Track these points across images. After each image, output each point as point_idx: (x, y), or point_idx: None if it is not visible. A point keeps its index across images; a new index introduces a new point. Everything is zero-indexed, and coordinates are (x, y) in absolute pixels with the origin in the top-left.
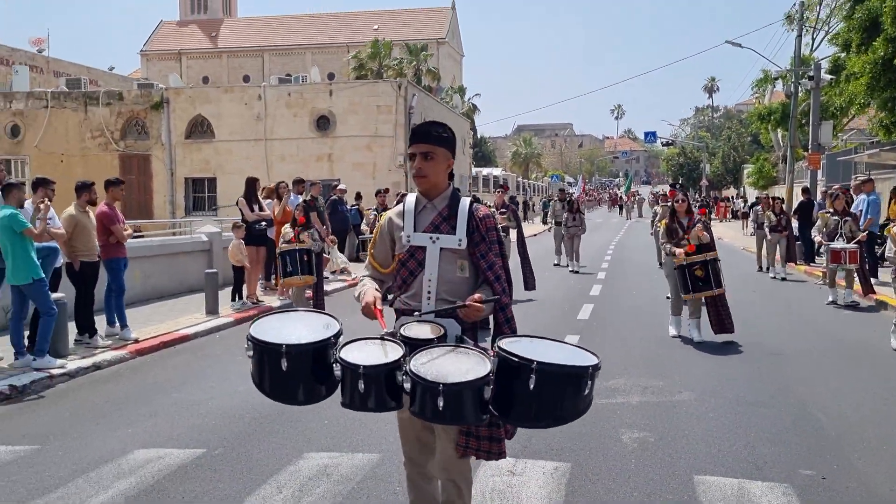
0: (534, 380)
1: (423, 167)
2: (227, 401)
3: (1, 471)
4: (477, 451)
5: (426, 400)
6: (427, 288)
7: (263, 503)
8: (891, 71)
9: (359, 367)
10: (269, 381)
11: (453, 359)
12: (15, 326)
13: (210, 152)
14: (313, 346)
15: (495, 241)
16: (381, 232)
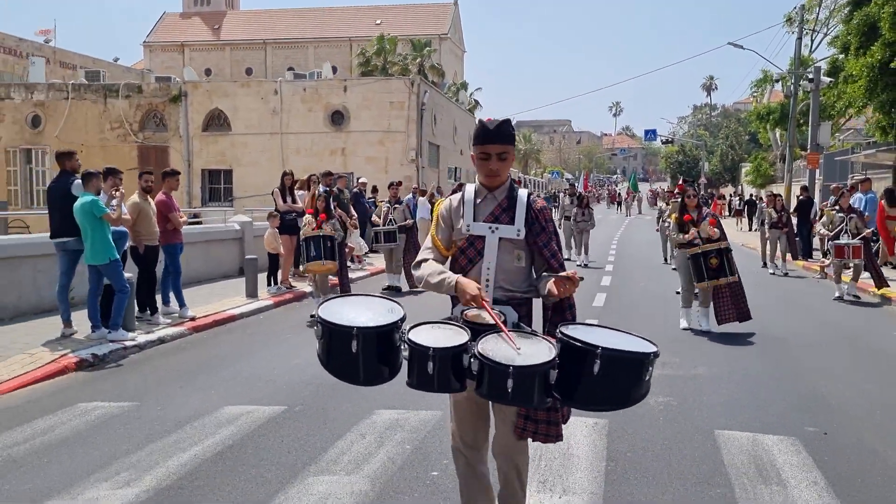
0: (598, 364)
1: (499, 167)
2: (290, 370)
3: (113, 421)
4: (535, 434)
5: (495, 382)
6: (486, 276)
7: (351, 446)
8: (888, 74)
9: (429, 349)
10: (338, 362)
11: (520, 343)
12: (92, 302)
13: (226, 145)
14: (382, 329)
15: (554, 231)
16: (442, 217)
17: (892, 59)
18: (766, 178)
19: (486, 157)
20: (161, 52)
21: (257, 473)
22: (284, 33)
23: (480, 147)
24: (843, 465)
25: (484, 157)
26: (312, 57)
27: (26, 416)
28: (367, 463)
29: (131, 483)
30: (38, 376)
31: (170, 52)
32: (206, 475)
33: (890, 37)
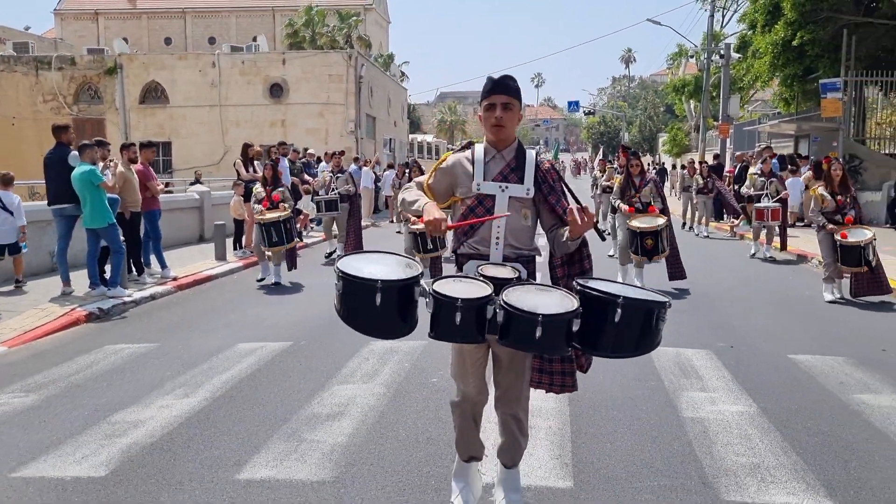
0: (619, 314)
1: (504, 117)
2: (286, 315)
3: (145, 357)
4: (550, 386)
5: (523, 330)
6: (496, 234)
7: (359, 366)
8: (790, 51)
9: (456, 300)
10: (360, 315)
11: (541, 295)
12: (91, 263)
13: (164, 117)
14: (405, 283)
15: (562, 190)
16: (444, 169)
17: (794, 37)
18: (682, 148)
19: (492, 108)
20: (73, 21)
21: (290, 385)
22: (204, 2)
23: (487, 98)
24: (743, 367)
25: (489, 108)
26: (234, 27)
27: (64, 357)
28: (378, 375)
29: (189, 395)
30: (56, 327)
31: (83, 21)
32: (248, 387)
33: (791, 17)
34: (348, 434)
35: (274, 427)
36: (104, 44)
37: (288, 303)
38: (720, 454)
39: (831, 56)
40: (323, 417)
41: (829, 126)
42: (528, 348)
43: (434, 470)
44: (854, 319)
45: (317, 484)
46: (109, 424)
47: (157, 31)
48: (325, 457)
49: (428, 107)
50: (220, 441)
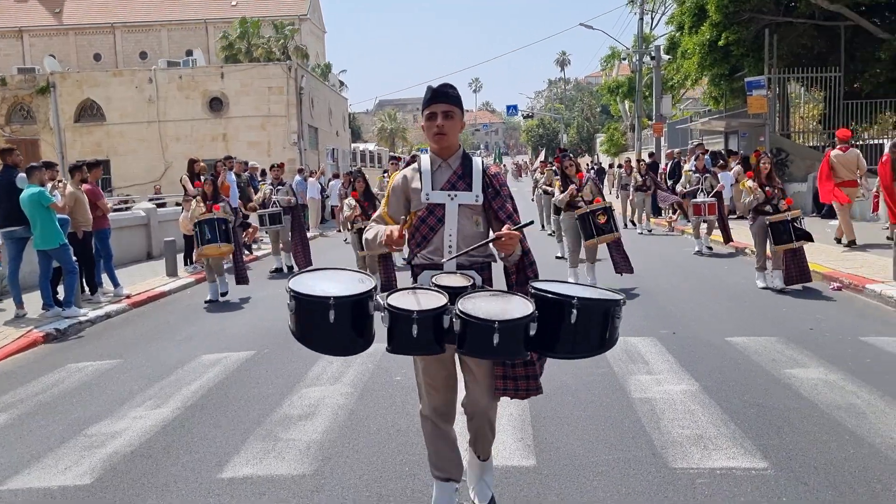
0: (575, 315)
1: (445, 125)
2: (244, 325)
3: (110, 372)
4: (515, 392)
5: (480, 338)
6: (448, 242)
7: (325, 369)
8: (716, 51)
9: (412, 312)
10: (314, 334)
11: (495, 301)
12: (44, 284)
13: (101, 135)
14: (357, 298)
15: (508, 195)
16: (394, 190)
17: (719, 37)
18: (620, 147)
19: (433, 117)
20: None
21: (259, 391)
22: (134, 16)
23: (427, 108)
24: (685, 351)
25: (430, 117)
26: (167, 41)
27: (28, 377)
28: (343, 377)
29: (160, 406)
30: (14, 349)
31: (7, 39)
32: (218, 395)
33: (716, 18)
34: (322, 431)
35: (249, 429)
36: (30, 61)
37: (245, 314)
38: (667, 428)
39: (755, 55)
40: (295, 418)
41: (756, 122)
42: (487, 355)
43: (407, 458)
44: (783, 304)
45: (297, 477)
46: (86, 437)
47: (85, 48)
48: (302, 453)
49: (367, 115)
50: (198, 445)
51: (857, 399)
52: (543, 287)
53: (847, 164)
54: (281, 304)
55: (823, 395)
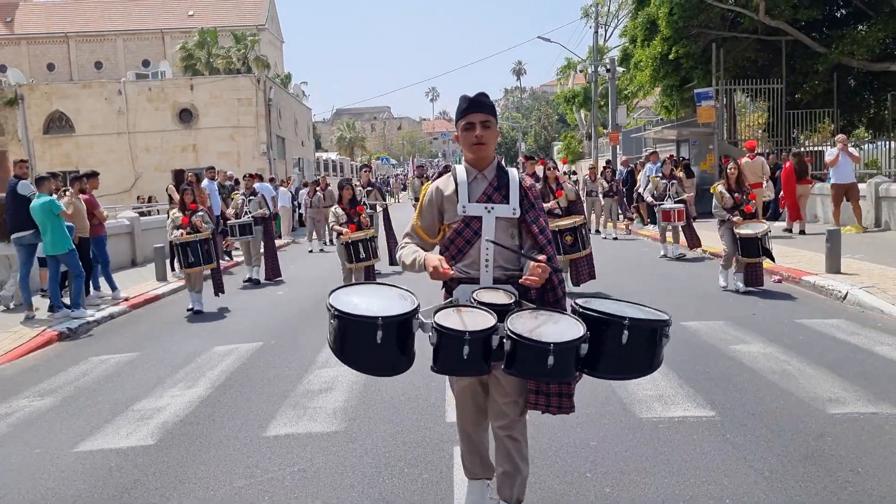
0: (626, 335)
1: (484, 135)
2: (246, 321)
3: (132, 363)
4: (547, 407)
5: (533, 360)
6: (485, 256)
7: (330, 356)
8: (667, 64)
9: (464, 333)
10: (360, 354)
11: (544, 320)
12: (53, 288)
13: (71, 146)
14: (404, 317)
15: (541, 208)
16: (427, 203)
17: (670, 51)
18: (576, 155)
19: (471, 127)
20: None
21: (277, 373)
22: (89, 26)
23: (465, 118)
24: None
25: (468, 128)
26: (122, 51)
27: (55, 369)
28: None
29: (192, 387)
30: (33, 346)
31: None
32: (241, 377)
33: (666, 33)
34: (343, 400)
35: (279, 401)
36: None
37: (250, 308)
38: (633, 390)
39: (703, 67)
40: (316, 392)
41: (705, 131)
42: (539, 377)
43: (421, 415)
44: (732, 295)
45: (331, 433)
46: (134, 412)
47: (38, 57)
48: (330, 416)
49: (325, 124)
50: (237, 413)
51: (788, 366)
52: (590, 305)
53: (754, 169)
54: (270, 305)
55: (761, 364)
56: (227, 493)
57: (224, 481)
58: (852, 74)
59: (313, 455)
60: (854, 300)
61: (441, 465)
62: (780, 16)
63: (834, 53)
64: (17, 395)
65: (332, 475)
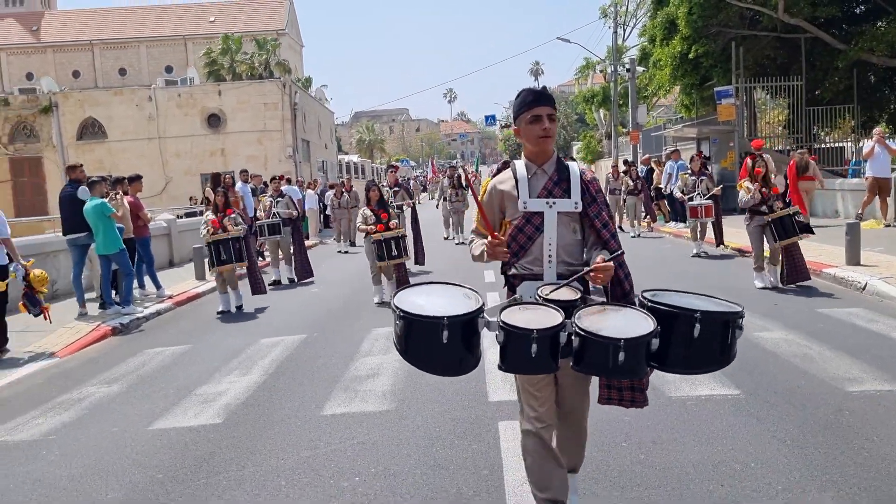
0: (698, 329)
1: (550, 128)
2: (289, 316)
3: (185, 355)
4: (620, 401)
5: (602, 356)
6: (548, 252)
7: (373, 345)
8: (687, 63)
9: (531, 332)
10: (427, 354)
11: (612, 316)
12: (105, 285)
13: (103, 152)
14: (469, 317)
15: (603, 202)
16: (487, 199)
17: (690, 50)
18: (596, 154)
19: (538, 119)
20: None
21: (325, 361)
22: (112, 33)
23: (530, 111)
24: None
25: (535, 120)
26: (145, 57)
27: (115, 360)
28: (389, 351)
29: (246, 374)
30: (90, 340)
31: None
32: (291, 365)
33: (686, 32)
34: (390, 384)
35: (330, 385)
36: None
37: (279, 311)
38: (660, 373)
39: (723, 66)
40: (364, 377)
41: (725, 128)
42: (609, 374)
43: (466, 396)
44: (758, 291)
45: (384, 412)
46: (197, 395)
47: (64, 65)
48: (380, 398)
49: (344, 127)
50: (293, 396)
51: (809, 350)
52: (659, 299)
53: None
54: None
55: (783, 349)
56: (295, 462)
57: (291, 452)
58: (872, 71)
59: (369, 430)
60: (873, 290)
61: (488, 437)
62: (799, 13)
63: (853, 50)
64: (85, 383)
65: (389, 446)
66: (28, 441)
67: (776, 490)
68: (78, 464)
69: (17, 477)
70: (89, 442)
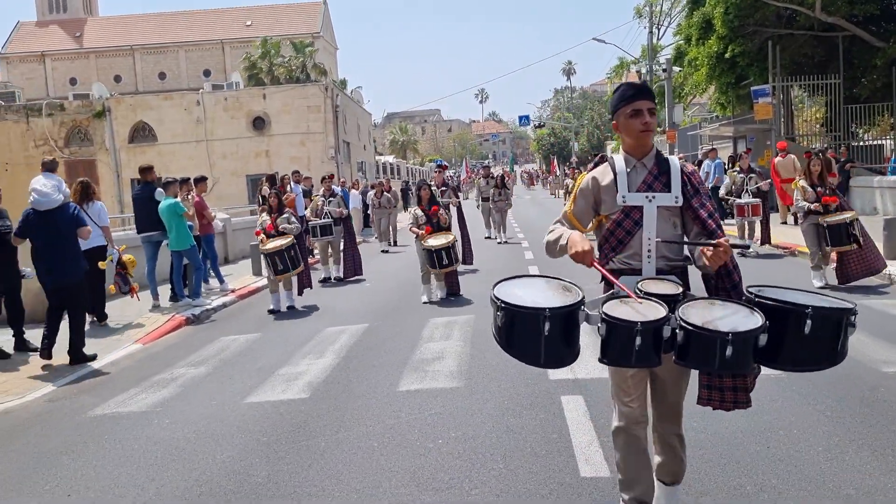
0: (809, 325)
1: (651, 122)
2: (348, 307)
3: (258, 341)
4: (721, 402)
5: (708, 350)
6: (647, 247)
7: (433, 333)
8: (723, 62)
9: (636, 324)
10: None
11: (717, 310)
12: (177, 279)
13: (153, 155)
14: (570, 309)
15: (706, 193)
16: (582, 192)
17: (726, 49)
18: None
19: (638, 113)
20: (20, 63)
21: (391, 346)
22: (152, 38)
23: (630, 104)
24: None
25: (635, 114)
26: (184, 61)
27: (194, 346)
28: (450, 338)
29: (320, 357)
30: (167, 329)
31: (29, 63)
32: (360, 349)
33: (722, 32)
34: (455, 365)
35: (400, 366)
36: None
37: (336, 304)
38: None
39: (760, 64)
40: (430, 360)
41: (762, 127)
42: (715, 368)
43: (528, 376)
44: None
45: (454, 389)
46: (279, 376)
47: (105, 70)
48: (448, 377)
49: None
50: (368, 376)
51: None
52: (765, 294)
53: (786, 166)
54: (361, 296)
55: None
56: (382, 428)
57: (376, 421)
58: None
59: (443, 403)
60: None
61: (553, 409)
62: (837, 12)
63: (892, 47)
64: (174, 365)
65: (464, 416)
66: (138, 412)
67: (817, 451)
68: (188, 430)
69: (140, 439)
70: (193, 413)
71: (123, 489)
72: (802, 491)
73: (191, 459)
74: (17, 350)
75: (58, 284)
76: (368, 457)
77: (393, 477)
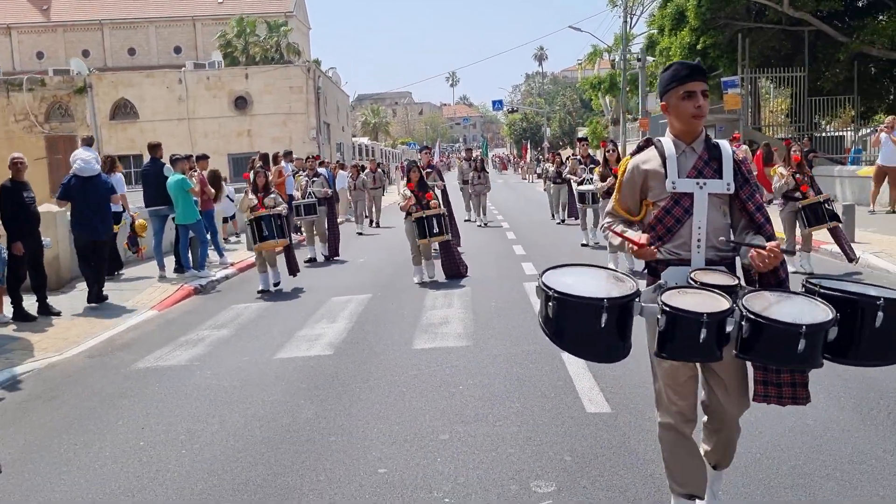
0: (881, 317)
1: (704, 105)
2: (349, 279)
3: (271, 309)
4: (779, 399)
5: (779, 344)
6: (697, 236)
7: (434, 302)
8: (695, 53)
9: (702, 315)
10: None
11: (784, 302)
12: (183, 252)
13: (135, 132)
14: (627, 299)
15: (755, 183)
16: (628, 180)
17: (698, 41)
18: (602, 140)
19: (691, 95)
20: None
21: (397, 312)
22: (121, 13)
23: (683, 86)
24: None
25: (688, 96)
26: (154, 37)
27: (209, 313)
28: (451, 307)
29: (333, 322)
30: (178, 297)
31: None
32: (370, 315)
33: (695, 24)
34: (462, 328)
35: (411, 328)
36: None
37: (331, 279)
38: None
39: (729, 56)
40: (437, 324)
41: (731, 117)
42: (786, 363)
43: (531, 336)
44: None
45: (464, 347)
46: (301, 336)
47: (73, 44)
48: (456, 337)
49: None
50: (382, 336)
51: None
52: (827, 284)
53: None
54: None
55: None
56: (407, 378)
57: (399, 372)
58: (872, 62)
59: (457, 358)
60: (864, 262)
61: (555, 362)
62: (804, 7)
63: (855, 43)
64: (196, 328)
65: (477, 367)
66: (178, 366)
67: (845, 438)
68: (230, 379)
69: (188, 386)
70: (230, 366)
71: (189, 423)
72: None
73: (242, 401)
74: (41, 314)
75: (96, 239)
76: (400, 399)
77: (426, 413)
